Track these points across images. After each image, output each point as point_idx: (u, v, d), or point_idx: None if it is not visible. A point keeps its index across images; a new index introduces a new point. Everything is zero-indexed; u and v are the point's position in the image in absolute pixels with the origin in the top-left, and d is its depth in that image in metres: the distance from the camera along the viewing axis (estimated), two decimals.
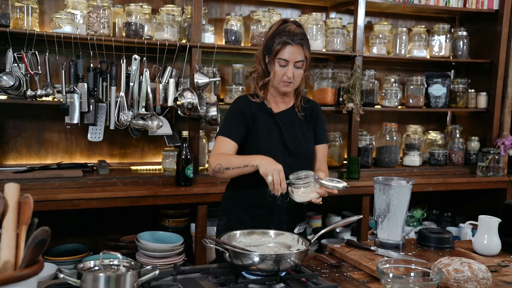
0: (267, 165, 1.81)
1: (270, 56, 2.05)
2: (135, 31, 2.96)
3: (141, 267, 1.30)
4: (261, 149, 2.04)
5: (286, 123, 2.14)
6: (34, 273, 1.07)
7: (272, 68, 2.06)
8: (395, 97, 3.71)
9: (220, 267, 1.68)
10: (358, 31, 3.42)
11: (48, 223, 1.09)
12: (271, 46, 2.04)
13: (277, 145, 2.09)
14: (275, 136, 2.10)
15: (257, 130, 2.09)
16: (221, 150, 2.03)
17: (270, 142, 2.09)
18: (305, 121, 2.19)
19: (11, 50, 2.73)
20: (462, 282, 1.55)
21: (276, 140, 2.10)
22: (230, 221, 2.13)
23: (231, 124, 2.08)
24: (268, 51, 2.06)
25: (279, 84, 2.07)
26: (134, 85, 2.95)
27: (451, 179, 3.61)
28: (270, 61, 2.06)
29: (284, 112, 2.16)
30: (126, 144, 3.33)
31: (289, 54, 2.01)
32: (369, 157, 3.63)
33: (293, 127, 2.14)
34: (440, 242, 2.04)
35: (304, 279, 1.59)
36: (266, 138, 2.09)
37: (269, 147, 2.07)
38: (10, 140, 3.08)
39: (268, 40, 2.07)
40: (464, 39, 3.85)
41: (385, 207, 1.97)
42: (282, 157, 2.02)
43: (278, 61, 2.03)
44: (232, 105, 2.15)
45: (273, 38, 2.04)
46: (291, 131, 2.13)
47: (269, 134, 2.10)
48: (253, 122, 2.09)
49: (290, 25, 2.06)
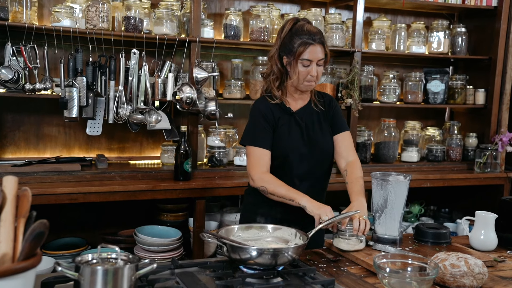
0: (315, 208, 1.89)
1: (290, 57, 2.08)
2: (134, 25, 2.96)
3: (139, 260, 1.30)
4: (284, 150, 2.10)
5: (305, 120, 2.17)
6: (32, 266, 1.07)
7: (293, 68, 2.09)
8: (394, 93, 3.71)
9: (218, 261, 1.69)
10: (357, 27, 3.42)
11: (47, 217, 1.09)
12: (291, 48, 2.06)
13: (298, 144, 2.13)
14: (297, 135, 2.14)
15: (279, 131, 2.12)
16: (260, 164, 2.06)
17: (292, 141, 2.12)
18: (322, 115, 2.21)
19: (9, 44, 2.73)
20: (459, 277, 1.56)
21: (298, 139, 2.13)
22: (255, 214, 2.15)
23: (259, 131, 2.10)
24: (288, 52, 2.08)
25: (303, 83, 2.10)
26: (133, 80, 2.95)
27: (449, 175, 3.62)
28: (292, 62, 2.08)
29: (302, 109, 2.19)
30: (125, 138, 3.33)
31: (312, 54, 2.05)
32: (367, 153, 3.63)
33: (312, 123, 2.18)
34: (437, 238, 2.05)
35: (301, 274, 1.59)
36: (288, 138, 2.12)
37: (292, 147, 2.11)
38: (9, 133, 3.08)
39: (286, 41, 2.09)
40: (462, 35, 3.85)
41: (383, 202, 1.98)
42: (303, 154, 2.11)
43: (301, 61, 2.06)
44: (254, 110, 2.15)
45: (292, 39, 2.07)
46: (310, 128, 2.17)
47: (290, 133, 2.13)
48: (276, 125, 2.12)
49: (306, 24, 2.10)
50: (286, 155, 2.11)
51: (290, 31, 2.09)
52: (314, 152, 2.14)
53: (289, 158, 2.11)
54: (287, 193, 1.98)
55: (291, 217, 2.04)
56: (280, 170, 2.10)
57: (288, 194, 1.97)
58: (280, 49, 2.11)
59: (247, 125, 2.18)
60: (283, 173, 2.10)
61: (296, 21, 2.12)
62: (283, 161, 2.11)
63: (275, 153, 2.10)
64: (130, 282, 1.24)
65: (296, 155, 2.11)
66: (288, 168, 2.12)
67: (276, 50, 2.13)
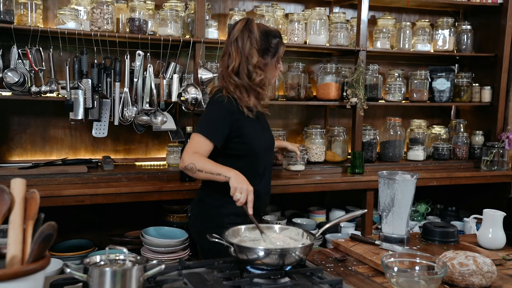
0: (239, 182, 1.88)
1: (267, 58, 2.13)
2: (138, 27, 2.96)
3: (146, 261, 1.30)
4: (250, 149, 2.14)
5: (261, 119, 2.27)
6: (41, 268, 1.07)
7: (271, 68, 2.17)
8: (399, 92, 3.70)
9: (225, 261, 1.69)
10: (361, 26, 3.41)
11: (54, 219, 1.09)
12: (269, 47, 2.13)
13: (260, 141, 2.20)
14: (259, 133, 2.21)
15: (243, 131, 2.14)
16: (198, 149, 2.05)
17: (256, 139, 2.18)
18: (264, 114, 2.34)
19: (15, 47, 2.74)
20: (467, 276, 1.56)
21: (259, 136, 2.20)
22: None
23: (216, 125, 2.10)
24: (266, 53, 2.13)
25: (273, 79, 2.25)
26: (138, 81, 2.95)
27: (456, 174, 3.60)
28: (270, 62, 2.15)
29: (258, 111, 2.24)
30: (131, 140, 3.34)
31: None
32: (373, 152, 3.62)
33: (266, 122, 2.33)
34: (445, 236, 2.04)
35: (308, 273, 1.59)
36: (253, 137, 2.17)
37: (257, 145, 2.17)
38: (15, 136, 3.09)
39: (261, 43, 2.11)
40: (468, 33, 3.83)
41: (390, 201, 1.97)
42: (266, 152, 2.22)
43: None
44: (218, 104, 2.13)
45: (269, 40, 2.12)
46: (266, 126, 2.31)
47: (256, 132, 2.19)
48: (239, 124, 2.12)
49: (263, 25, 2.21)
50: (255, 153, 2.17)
51: (261, 33, 2.12)
52: (272, 148, 2.33)
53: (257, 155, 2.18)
54: (215, 168, 1.98)
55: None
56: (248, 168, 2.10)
57: (216, 169, 1.97)
58: (262, 52, 2.13)
59: (203, 116, 2.18)
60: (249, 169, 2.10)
61: (250, 21, 2.14)
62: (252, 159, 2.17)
63: (241, 153, 2.15)
64: (138, 283, 1.24)
65: (262, 151, 2.20)
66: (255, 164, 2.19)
67: (255, 56, 2.11)
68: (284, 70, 3.53)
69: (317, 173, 3.37)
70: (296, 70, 3.42)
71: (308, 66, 3.72)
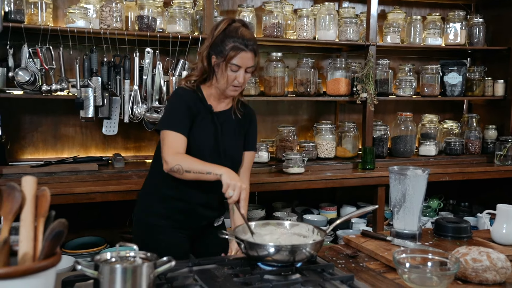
0: (232, 178, 1.80)
1: (219, 59, 2.00)
2: (147, 24, 2.97)
3: (157, 258, 1.30)
4: (193, 145, 2.02)
5: (222, 123, 2.11)
6: (52, 265, 1.08)
7: (221, 71, 2.01)
8: (410, 86, 3.67)
9: (235, 258, 1.68)
10: (371, 20, 3.39)
11: (65, 217, 1.10)
12: (223, 50, 1.98)
13: (209, 144, 2.06)
14: (210, 135, 2.07)
15: (197, 125, 2.05)
16: (175, 146, 1.97)
17: (203, 139, 2.05)
18: (239, 125, 2.16)
19: (26, 46, 2.76)
20: (481, 272, 1.54)
21: (210, 138, 2.07)
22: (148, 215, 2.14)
23: (179, 117, 2.01)
24: (219, 54, 2.00)
25: (228, 88, 2.03)
26: (148, 78, 2.96)
27: (468, 169, 3.57)
28: (220, 63, 2.00)
29: (223, 112, 2.13)
30: (141, 137, 3.34)
31: (242, 60, 1.98)
32: (384, 147, 3.60)
33: (228, 129, 2.12)
34: (458, 232, 2.02)
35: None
36: (201, 135, 2.05)
37: (202, 145, 2.05)
38: (27, 135, 3.11)
39: (218, 42, 2.00)
40: (480, 26, 3.79)
41: (401, 197, 1.95)
42: (212, 156, 2.03)
43: (230, 66, 1.98)
44: (177, 96, 2.08)
45: (224, 41, 1.99)
46: (226, 132, 2.11)
47: (204, 131, 2.06)
48: (195, 116, 2.04)
49: (241, 28, 2.01)
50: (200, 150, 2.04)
51: (223, 32, 2.01)
52: (223, 157, 2.08)
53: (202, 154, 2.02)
54: (204, 167, 1.88)
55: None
56: None
57: (204, 168, 1.87)
58: (211, 48, 2.03)
59: (165, 111, 2.12)
60: None
61: (232, 21, 2.04)
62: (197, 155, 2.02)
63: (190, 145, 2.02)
64: (148, 280, 1.24)
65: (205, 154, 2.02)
66: None
67: (206, 48, 2.05)
68: (293, 65, 3.52)
69: (328, 169, 3.36)
70: (305, 66, 3.41)
71: (317, 61, 3.70)
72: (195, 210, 2.10)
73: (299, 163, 3.15)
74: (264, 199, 3.59)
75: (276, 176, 3.13)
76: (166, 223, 2.09)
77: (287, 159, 3.17)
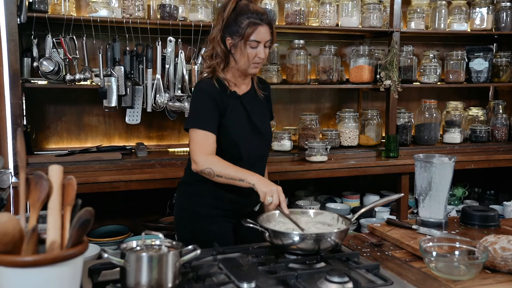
0: (265, 186, 1.77)
1: (236, 39, 1.95)
2: (169, 13, 2.96)
3: (182, 247, 1.31)
4: (233, 136, 1.99)
5: (250, 104, 2.08)
6: (80, 253, 1.09)
7: (240, 50, 1.96)
8: (434, 73, 3.60)
9: (260, 246, 1.68)
10: (395, 6, 3.32)
11: (90, 205, 1.11)
12: (238, 29, 1.93)
13: (247, 129, 2.04)
14: (244, 120, 2.04)
15: (228, 116, 2.00)
16: (204, 146, 1.93)
17: (241, 127, 2.02)
18: (264, 100, 2.15)
19: (50, 36, 2.78)
20: (510, 261, 1.50)
21: (246, 124, 2.04)
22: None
23: (206, 114, 1.97)
24: (234, 33, 1.95)
25: (250, 66, 1.99)
26: (170, 67, 2.96)
27: (494, 156, 3.49)
28: (238, 43, 1.95)
29: (247, 93, 2.09)
30: (163, 126, 3.36)
31: (260, 35, 1.93)
32: (408, 135, 3.55)
33: (257, 108, 2.10)
34: (485, 220, 1.98)
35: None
36: (237, 123, 2.02)
37: (241, 132, 2.02)
38: (52, 124, 3.15)
39: (231, 22, 1.95)
40: (507, 10, 3.68)
41: (427, 185, 1.92)
42: (252, 139, 2.03)
43: (249, 43, 1.94)
44: (200, 91, 2.01)
45: (238, 19, 1.93)
46: (256, 112, 2.08)
47: (239, 118, 2.03)
48: (224, 109, 2.00)
49: (250, 4, 1.97)
50: (234, 142, 2.01)
51: (234, 11, 1.95)
52: (259, 138, 2.07)
53: (237, 144, 2.01)
54: (236, 174, 1.85)
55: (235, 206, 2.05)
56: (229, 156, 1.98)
57: (237, 175, 1.85)
58: (224, 30, 1.98)
59: (190, 108, 2.06)
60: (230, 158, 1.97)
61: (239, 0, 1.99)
62: (231, 147, 2.01)
63: (222, 139, 1.99)
64: (174, 268, 1.25)
65: (244, 141, 2.01)
66: (236, 154, 2.02)
67: (218, 31, 1.99)
68: (316, 53, 3.48)
69: (351, 157, 3.33)
70: (328, 53, 3.37)
71: (340, 49, 3.65)
72: (243, 199, 2.07)
73: (322, 152, 3.13)
74: (286, 187, 3.57)
75: (298, 164, 3.11)
76: (215, 212, 2.06)
77: (309, 147, 3.15)
